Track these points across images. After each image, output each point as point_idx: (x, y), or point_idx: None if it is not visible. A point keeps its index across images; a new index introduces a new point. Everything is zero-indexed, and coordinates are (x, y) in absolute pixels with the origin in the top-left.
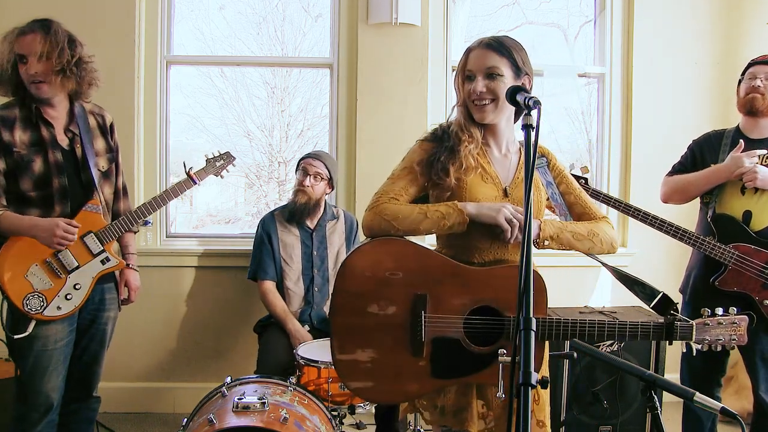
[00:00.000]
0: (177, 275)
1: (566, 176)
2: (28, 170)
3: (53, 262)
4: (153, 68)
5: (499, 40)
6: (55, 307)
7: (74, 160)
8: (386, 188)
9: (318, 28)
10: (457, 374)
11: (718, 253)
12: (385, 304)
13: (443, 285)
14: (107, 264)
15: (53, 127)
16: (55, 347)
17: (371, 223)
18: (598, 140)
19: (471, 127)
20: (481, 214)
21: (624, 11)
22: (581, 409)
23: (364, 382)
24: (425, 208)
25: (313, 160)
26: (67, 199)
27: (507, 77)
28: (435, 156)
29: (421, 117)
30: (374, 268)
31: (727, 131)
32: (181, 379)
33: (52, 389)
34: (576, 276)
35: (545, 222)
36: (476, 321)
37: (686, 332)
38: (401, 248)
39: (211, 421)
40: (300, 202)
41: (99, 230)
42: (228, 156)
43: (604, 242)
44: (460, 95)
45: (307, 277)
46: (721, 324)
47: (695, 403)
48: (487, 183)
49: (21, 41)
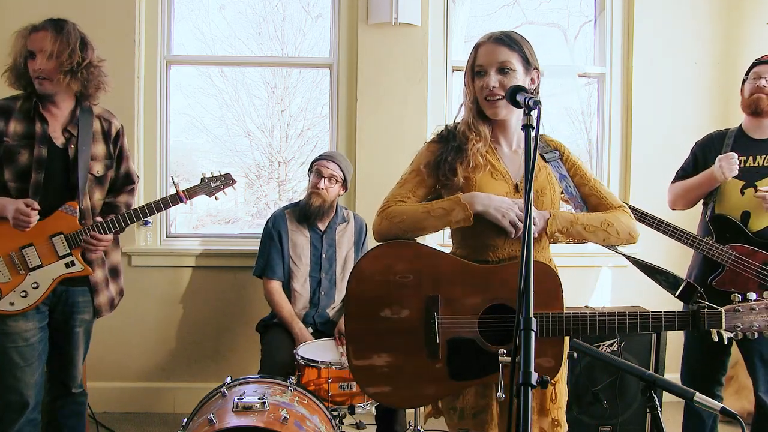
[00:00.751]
0: (177, 275)
1: (580, 167)
2: (13, 161)
3: (16, 258)
4: (153, 68)
5: (508, 35)
6: (7, 302)
7: (65, 160)
8: (395, 192)
9: (318, 28)
10: (475, 375)
11: (715, 253)
12: (398, 307)
13: (455, 285)
14: (71, 268)
15: (48, 123)
16: (26, 344)
17: (380, 227)
18: (598, 140)
19: (479, 124)
20: (488, 213)
21: (624, 11)
22: (581, 409)
23: (381, 387)
24: (428, 206)
25: (327, 162)
26: (38, 196)
27: (518, 72)
28: (442, 156)
29: (421, 117)
30: (385, 272)
31: (730, 131)
32: (181, 379)
33: (26, 387)
34: (576, 276)
35: (554, 215)
36: (491, 320)
37: (714, 320)
38: (410, 251)
39: (211, 421)
40: (314, 204)
41: (70, 233)
42: (228, 178)
43: (620, 232)
44: (470, 92)
45: (314, 279)
46: (753, 309)
47: (695, 403)
48: (497, 180)
49: (33, 37)
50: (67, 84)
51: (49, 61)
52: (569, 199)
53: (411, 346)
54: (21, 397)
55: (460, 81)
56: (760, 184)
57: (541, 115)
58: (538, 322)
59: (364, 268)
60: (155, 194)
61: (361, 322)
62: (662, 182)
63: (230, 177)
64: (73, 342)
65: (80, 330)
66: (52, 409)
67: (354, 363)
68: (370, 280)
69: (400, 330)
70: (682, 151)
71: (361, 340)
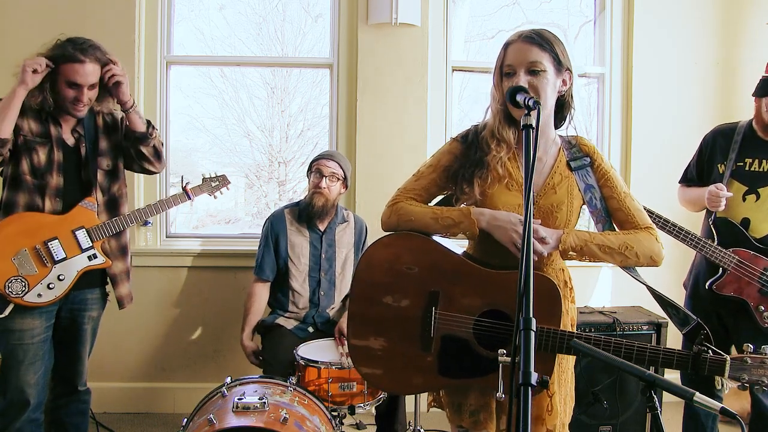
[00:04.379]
0: (177, 275)
1: (611, 178)
2: (29, 155)
3: (42, 250)
4: (153, 68)
5: (539, 33)
6: (35, 294)
7: (77, 159)
8: (409, 185)
9: (318, 29)
10: (462, 374)
11: (718, 256)
12: (400, 296)
13: (457, 284)
14: (94, 261)
15: (61, 126)
16: (31, 342)
17: (388, 219)
18: (598, 140)
19: (505, 130)
20: (493, 233)
21: (624, 11)
22: (581, 409)
23: (373, 368)
24: (438, 213)
25: (327, 161)
26: (60, 198)
27: (549, 73)
28: (462, 168)
29: (421, 117)
30: (393, 260)
31: (739, 126)
32: (181, 379)
33: (27, 385)
34: (576, 276)
35: (567, 233)
36: (486, 324)
37: (717, 367)
38: (421, 244)
39: (211, 421)
40: (318, 204)
41: (91, 227)
42: (224, 179)
43: (641, 255)
44: (498, 93)
45: (313, 279)
46: (765, 364)
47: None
48: (512, 191)
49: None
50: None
51: (92, 91)
52: (591, 212)
53: (406, 335)
54: (21, 394)
55: (460, 81)
56: (762, 191)
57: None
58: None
59: (374, 254)
60: (155, 194)
61: (364, 304)
62: (662, 182)
63: (226, 178)
64: (81, 339)
65: (88, 327)
66: (56, 408)
67: (351, 341)
68: (378, 267)
69: (399, 318)
70: (682, 150)
71: (361, 320)
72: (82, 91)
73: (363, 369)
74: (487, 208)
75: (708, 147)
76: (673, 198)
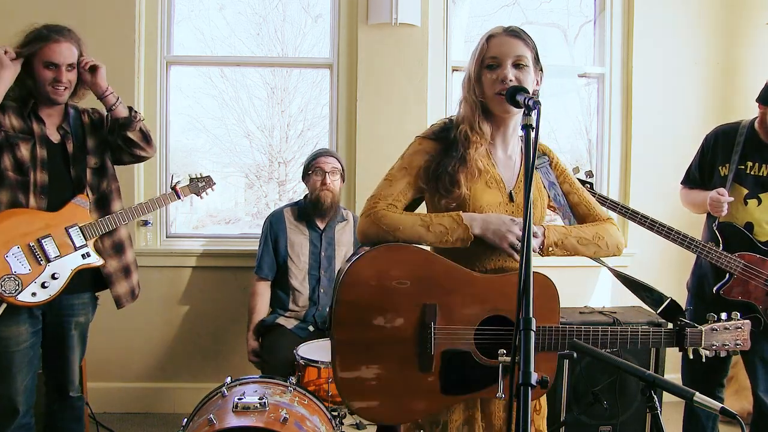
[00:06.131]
0: (177, 275)
1: (569, 175)
2: (12, 151)
3: (36, 248)
4: (153, 68)
5: (522, 29)
6: (29, 293)
7: (63, 156)
8: (383, 191)
9: (318, 29)
10: (467, 390)
11: (724, 261)
12: (392, 316)
13: (454, 294)
14: (87, 259)
15: (45, 123)
16: (17, 349)
17: (368, 230)
18: (597, 140)
19: (483, 123)
20: (486, 237)
21: (624, 11)
22: (581, 409)
23: (368, 401)
24: (428, 220)
25: (326, 158)
26: (45, 195)
27: (530, 69)
28: (441, 166)
29: (421, 117)
30: (380, 276)
31: (741, 127)
32: (181, 379)
33: (15, 392)
34: (576, 276)
35: (549, 228)
36: (487, 331)
37: (696, 338)
38: (409, 255)
39: (211, 421)
40: (327, 202)
41: (84, 225)
42: (209, 180)
43: (609, 246)
44: (478, 86)
45: (313, 277)
46: (727, 329)
47: (695, 403)
48: (492, 188)
49: (54, 48)
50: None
51: (71, 72)
52: (557, 208)
53: (402, 357)
54: (10, 402)
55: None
56: (764, 196)
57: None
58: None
59: (357, 271)
60: (155, 194)
61: (351, 330)
62: (662, 182)
63: (211, 179)
64: (69, 345)
65: (75, 333)
66: (50, 413)
67: (339, 375)
68: (365, 285)
69: (393, 340)
70: (681, 151)
71: (350, 350)
72: (60, 71)
73: (356, 404)
74: (471, 206)
75: (710, 147)
76: (673, 198)
